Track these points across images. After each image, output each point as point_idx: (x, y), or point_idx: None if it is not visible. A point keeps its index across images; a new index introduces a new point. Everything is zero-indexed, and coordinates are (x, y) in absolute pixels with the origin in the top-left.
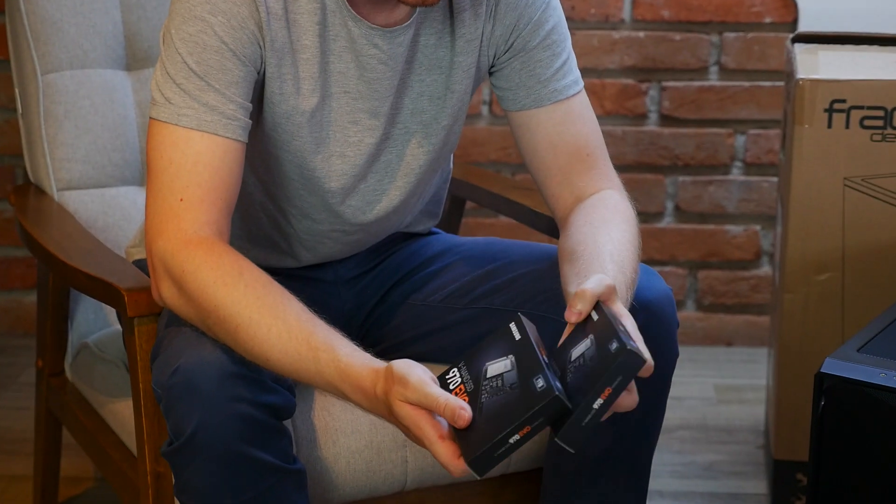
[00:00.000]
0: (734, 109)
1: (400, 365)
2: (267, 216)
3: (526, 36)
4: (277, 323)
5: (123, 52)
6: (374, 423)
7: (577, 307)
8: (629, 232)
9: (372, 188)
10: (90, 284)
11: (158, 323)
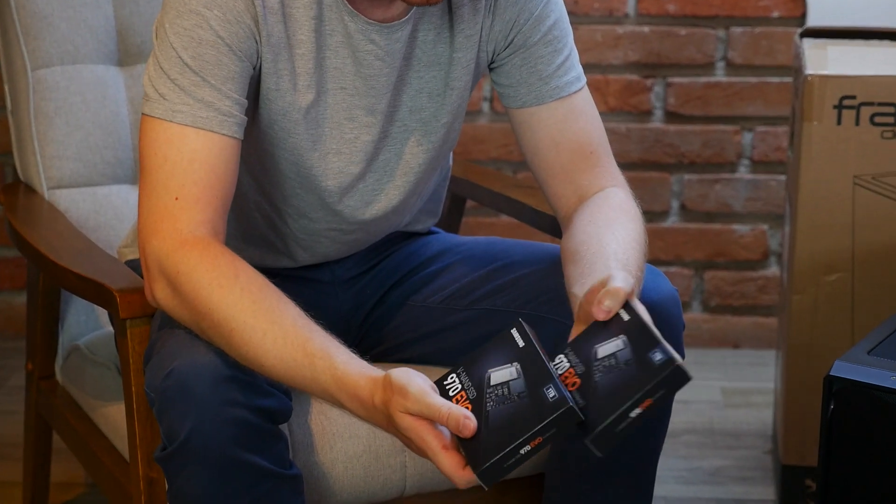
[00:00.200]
0: (741, 106)
1: (399, 374)
2: (262, 216)
3: (526, 32)
4: (273, 328)
5: (115, 47)
6: (372, 427)
7: (606, 304)
8: (635, 231)
9: (370, 187)
10: (81, 285)
11: (151, 325)
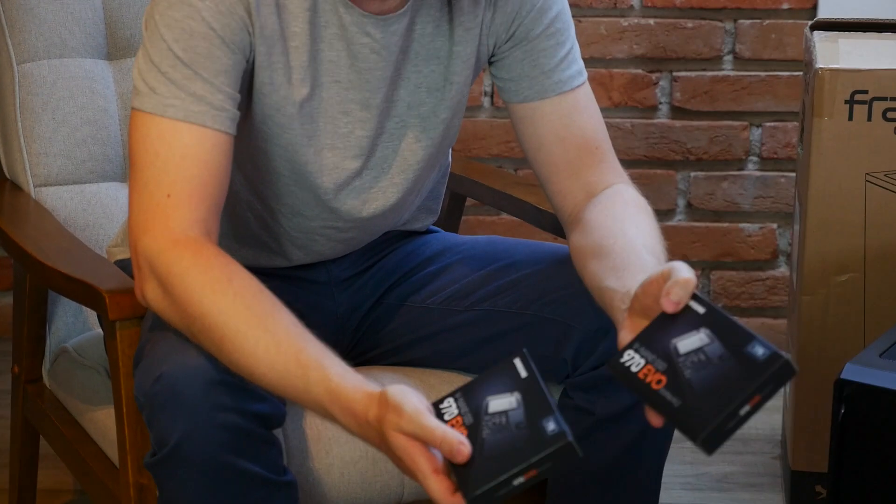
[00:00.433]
0: (749, 101)
1: (395, 392)
2: (254, 215)
3: (528, 24)
4: (266, 336)
5: (104, 40)
6: None
7: (675, 295)
8: (654, 226)
9: (367, 184)
10: (69, 286)
11: (142, 326)
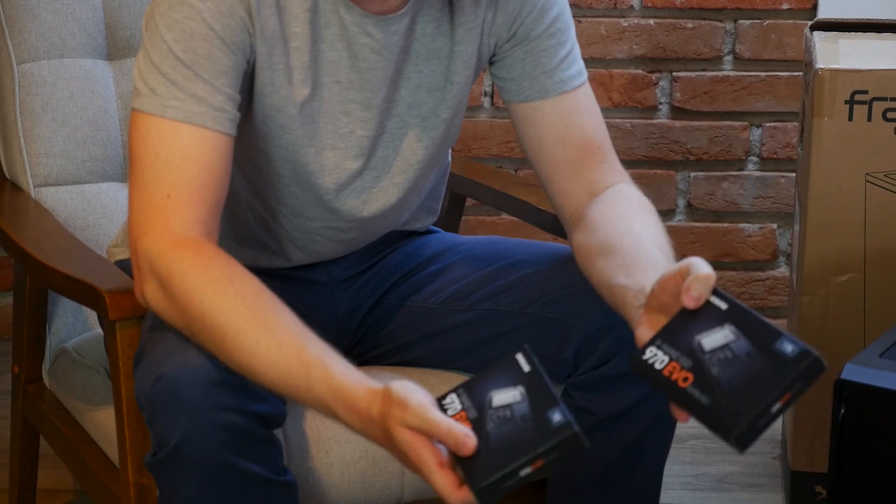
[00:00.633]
0: (749, 101)
1: (399, 387)
2: (254, 216)
3: (530, 24)
4: (267, 335)
5: (104, 40)
6: None
7: (695, 291)
8: (658, 223)
9: (368, 184)
10: (69, 286)
11: (142, 326)
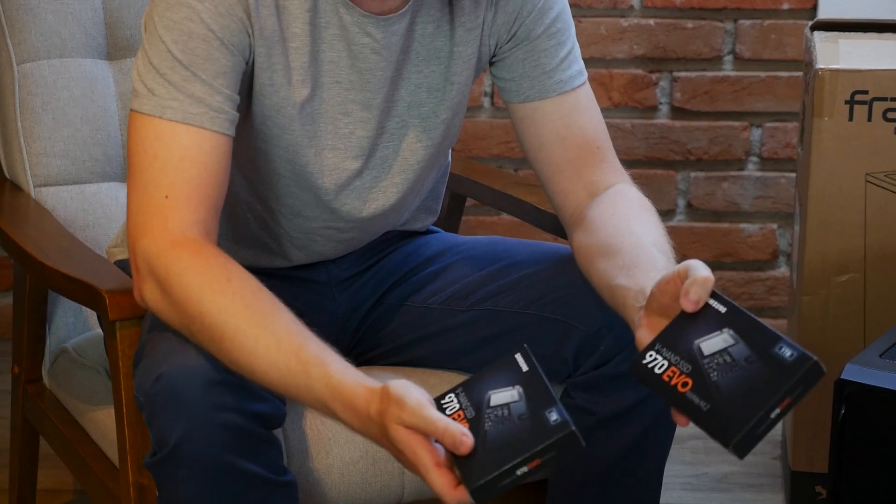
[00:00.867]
0: (750, 101)
1: (397, 386)
2: (254, 216)
3: (530, 24)
4: (266, 334)
5: (104, 40)
6: None
7: (694, 294)
8: (659, 224)
9: (367, 184)
10: (69, 286)
11: (141, 327)
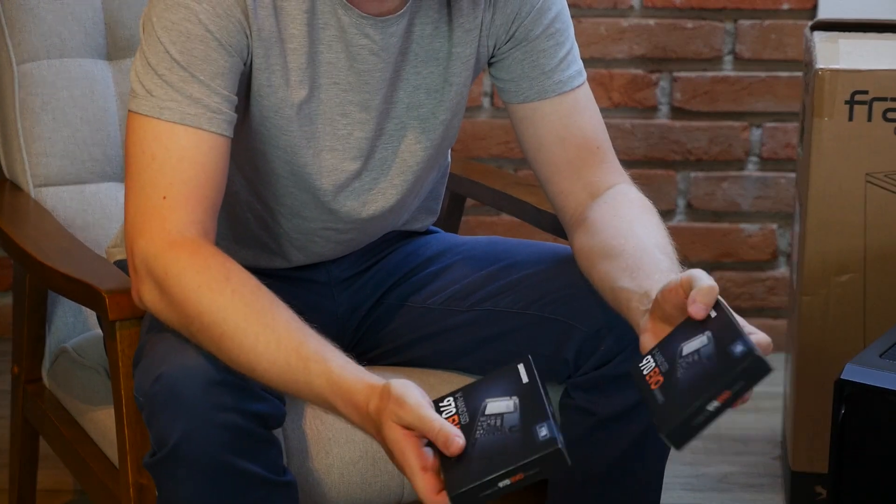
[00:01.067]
0: (750, 101)
1: (398, 385)
2: (254, 216)
3: (528, 25)
4: (265, 331)
5: (104, 40)
6: None
7: (701, 302)
8: (660, 225)
9: (366, 185)
10: (69, 286)
11: (141, 327)
